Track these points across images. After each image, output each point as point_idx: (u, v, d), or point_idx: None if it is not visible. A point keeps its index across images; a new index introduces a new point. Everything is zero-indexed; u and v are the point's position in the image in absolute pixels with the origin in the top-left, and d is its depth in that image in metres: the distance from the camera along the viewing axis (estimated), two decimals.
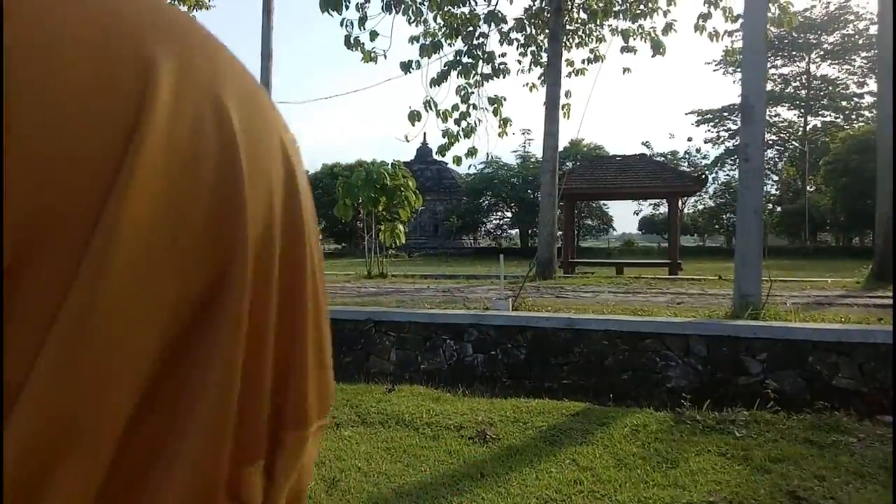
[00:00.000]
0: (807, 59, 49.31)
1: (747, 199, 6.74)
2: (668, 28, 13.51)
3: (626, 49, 13.83)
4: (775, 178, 46.17)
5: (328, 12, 8.86)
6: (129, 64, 0.21)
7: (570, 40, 14.59)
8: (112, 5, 0.22)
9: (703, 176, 17.31)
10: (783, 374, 5.65)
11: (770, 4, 9.69)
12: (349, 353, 7.20)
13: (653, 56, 12.42)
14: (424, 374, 6.75)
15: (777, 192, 46.27)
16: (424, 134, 53.65)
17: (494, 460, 3.70)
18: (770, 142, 45.49)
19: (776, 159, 47.15)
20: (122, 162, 0.20)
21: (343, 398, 5.09)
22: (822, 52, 48.58)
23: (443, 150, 13.22)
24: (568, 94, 14.08)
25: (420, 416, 4.54)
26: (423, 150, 46.46)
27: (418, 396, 5.20)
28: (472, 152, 12.94)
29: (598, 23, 14.25)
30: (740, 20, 13.91)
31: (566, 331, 6.35)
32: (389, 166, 14.47)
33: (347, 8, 9.31)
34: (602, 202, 39.81)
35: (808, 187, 42.74)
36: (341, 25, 9.80)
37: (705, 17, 13.47)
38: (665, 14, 13.59)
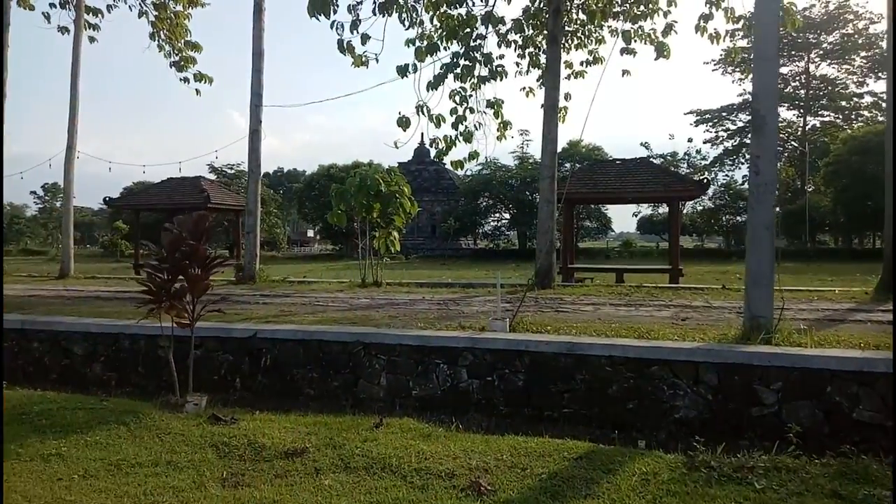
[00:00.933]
0: (806, 59, 48.99)
1: (758, 214, 6.36)
2: (668, 29, 13.12)
3: (626, 51, 13.44)
4: None
5: (316, 17, 8.45)
6: None
7: (570, 42, 14.20)
8: None
9: (706, 181, 16.94)
10: (799, 405, 5.27)
11: None
12: (336, 377, 6.80)
13: (656, 59, 12.03)
14: (417, 401, 6.36)
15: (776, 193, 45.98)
16: (422, 134, 53.09)
17: None
18: None
19: None
20: None
21: (326, 436, 4.69)
22: (821, 52, 48.26)
23: (440, 154, 12.81)
24: (567, 96, 13.71)
25: (408, 461, 4.15)
26: (421, 150, 45.98)
27: (408, 433, 4.81)
28: (473, 156, 12.51)
29: (596, 24, 13.87)
30: (742, 20, 13.58)
31: (567, 356, 5.96)
32: (385, 171, 14.12)
33: (336, 12, 8.91)
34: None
35: (807, 188, 42.40)
36: (332, 28, 9.39)
37: (706, 17, 13.09)
38: (665, 15, 13.21)
